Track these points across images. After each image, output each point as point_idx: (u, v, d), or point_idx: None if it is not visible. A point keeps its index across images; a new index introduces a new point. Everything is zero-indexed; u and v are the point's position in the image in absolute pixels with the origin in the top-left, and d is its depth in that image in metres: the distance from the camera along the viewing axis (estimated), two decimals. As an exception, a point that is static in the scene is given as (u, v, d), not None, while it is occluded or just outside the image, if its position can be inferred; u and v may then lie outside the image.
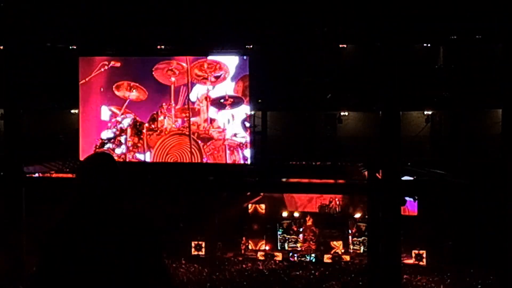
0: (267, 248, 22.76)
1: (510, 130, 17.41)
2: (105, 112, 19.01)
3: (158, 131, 18.72)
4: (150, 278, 4.46)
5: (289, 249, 22.70)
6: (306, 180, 20.22)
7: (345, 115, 21.37)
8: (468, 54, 19.90)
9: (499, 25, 17.80)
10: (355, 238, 22.36)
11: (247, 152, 18.44)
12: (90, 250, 4.38)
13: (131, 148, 18.76)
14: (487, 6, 17.33)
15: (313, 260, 21.83)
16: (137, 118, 18.86)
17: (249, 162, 18.50)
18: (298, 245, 22.74)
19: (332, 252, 22.13)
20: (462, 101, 19.79)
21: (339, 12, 18.19)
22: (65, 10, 18.49)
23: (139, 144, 18.66)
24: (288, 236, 22.88)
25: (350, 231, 22.47)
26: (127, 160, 18.65)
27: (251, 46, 19.78)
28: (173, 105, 18.55)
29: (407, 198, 18.76)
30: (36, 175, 20.49)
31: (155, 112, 18.84)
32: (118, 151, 18.87)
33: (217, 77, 18.45)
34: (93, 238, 4.43)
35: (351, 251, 22.31)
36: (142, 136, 18.72)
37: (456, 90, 19.80)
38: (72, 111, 20.92)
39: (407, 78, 18.44)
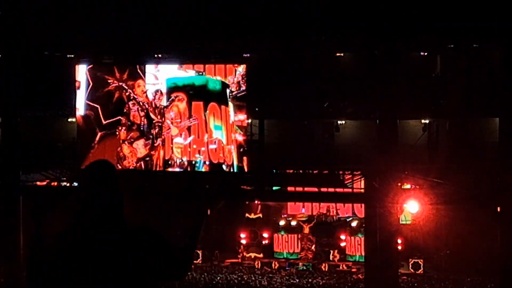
0: (263, 256, 22.75)
1: (507, 139, 17.47)
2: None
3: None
4: None
5: (286, 257, 22.71)
6: (303, 189, 20.26)
7: (342, 123, 21.38)
8: (465, 63, 19.92)
9: (496, 34, 17.88)
10: (352, 247, 22.36)
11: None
12: (93, 260, 4.43)
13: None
14: (484, 15, 17.40)
15: (310, 269, 21.83)
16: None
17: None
18: (295, 253, 22.73)
19: (329, 260, 22.13)
20: (459, 109, 19.79)
21: (337, 21, 18.23)
22: (63, 19, 18.51)
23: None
24: (286, 245, 22.89)
25: (347, 240, 22.47)
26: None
27: (249, 55, 19.78)
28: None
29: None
30: (34, 183, 20.48)
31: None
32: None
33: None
34: (97, 250, 4.47)
35: (348, 259, 22.31)
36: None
37: (453, 99, 19.80)
38: (70, 119, 20.89)
39: (404, 87, 18.47)
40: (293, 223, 23.12)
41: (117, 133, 19.15)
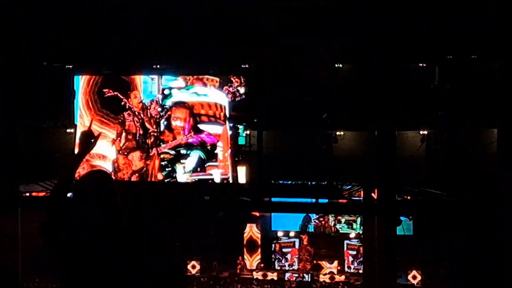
0: (262, 266, 22.71)
1: (505, 150, 17.43)
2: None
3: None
4: None
5: (285, 268, 22.66)
6: (301, 200, 20.22)
7: (340, 134, 21.39)
8: (463, 74, 19.93)
9: (495, 45, 17.87)
10: (350, 258, 22.33)
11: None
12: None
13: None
14: (483, 26, 17.41)
15: (309, 280, 21.78)
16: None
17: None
18: (294, 264, 22.69)
19: (327, 272, 22.07)
20: (458, 120, 19.80)
21: (335, 32, 18.26)
22: (62, 28, 18.54)
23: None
24: (284, 256, 22.85)
25: (345, 251, 22.46)
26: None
27: (247, 66, 19.80)
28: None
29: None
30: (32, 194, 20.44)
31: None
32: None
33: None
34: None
35: (347, 271, 22.27)
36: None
37: (451, 110, 19.83)
38: (68, 130, 20.90)
39: (402, 98, 18.47)
40: (291, 233, 23.12)
41: (112, 143, 19.09)
